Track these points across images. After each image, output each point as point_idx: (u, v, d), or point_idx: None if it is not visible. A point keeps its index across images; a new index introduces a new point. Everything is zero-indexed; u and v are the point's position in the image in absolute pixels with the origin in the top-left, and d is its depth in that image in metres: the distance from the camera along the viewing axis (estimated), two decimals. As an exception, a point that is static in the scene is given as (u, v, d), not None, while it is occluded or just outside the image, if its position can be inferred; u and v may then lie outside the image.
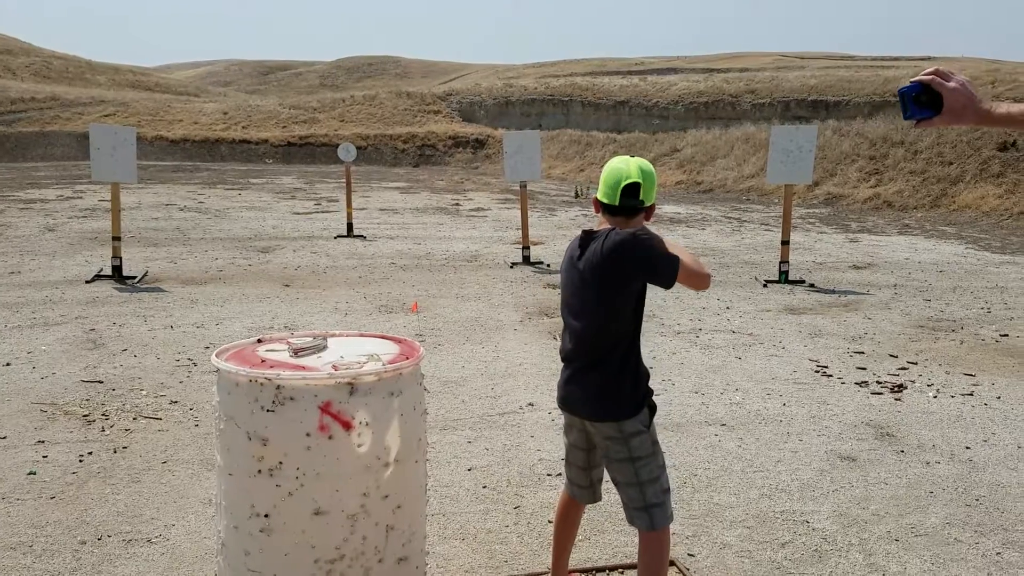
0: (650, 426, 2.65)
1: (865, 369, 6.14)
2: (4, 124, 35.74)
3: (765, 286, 9.49)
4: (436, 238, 13.39)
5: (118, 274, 9.19)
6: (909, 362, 6.35)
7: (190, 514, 3.69)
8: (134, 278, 9.26)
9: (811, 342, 6.95)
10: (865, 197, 19.22)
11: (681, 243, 2.78)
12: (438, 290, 9.04)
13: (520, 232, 11.28)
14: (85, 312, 7.66)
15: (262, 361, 2.45)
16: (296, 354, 2.51)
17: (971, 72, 26.65)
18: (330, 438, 2.31)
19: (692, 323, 7.59)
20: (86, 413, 4.94)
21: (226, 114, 40.06)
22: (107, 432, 4.65)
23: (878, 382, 5.82)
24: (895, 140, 20.62)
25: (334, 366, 2.39)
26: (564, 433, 2.86)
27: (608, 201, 2.65)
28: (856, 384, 5.77)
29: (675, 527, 3.33)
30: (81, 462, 4.23)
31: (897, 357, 6.49)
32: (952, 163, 18.63)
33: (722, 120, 33.13)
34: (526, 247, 10.93)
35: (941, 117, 1.96)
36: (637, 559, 2.70)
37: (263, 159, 35.60)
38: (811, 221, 16.60)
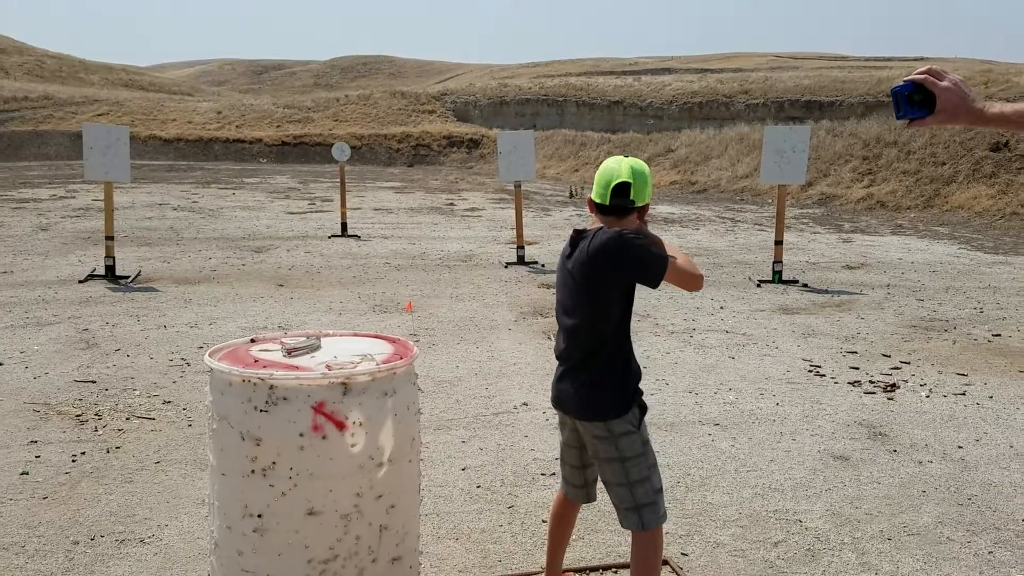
0: (640, 426, 2.65)
1: (858, 369, 6.16)
2: (-3, 123, 35.65)
3: (759, 286, 9.51)
4: (430, 238, 13.38)
5: (111, 274, 9.17)
6: (902, 362, 6.36)
7: (183, 514, 3.69)
8: (127, 278, 9.24)
9: (804, 342, 6.97)
10: (858, 197, 19.27)
11: (675, 243, 2.78)
12: (432, 290, 9.04)
13: (514, 232, 11.28)
14: (78, 312, 7.64)
15: (255, 361, 2.44)
16: (289, 354, 2.50)
17: (964, 73, 26.70)
18: (324, 438, 2.30)
19: (686, 323, 7.60)
20: (79, 413, 4.92)
21: (220, 113, 40.00)
22: (100, 432, 4.64)
23: (871, 382, 5.84)
24: (888, 140, 20.67)
25: (328, 366, 2.39)
26: (559, 431, 2.87)
27: (600, 200, 2.65)
28: (849, 384, 5.79)
29: (668, 526, 3.34)
30: (74, 462, 4.22)
31: (890, 357, 6.51)
32: (945, 163, 18.69)
33: (716, 120, 33.21)
34: (520, 247, 10.93)
35: (934, 117, 1.94)
36: (630, 559, 2.70)
37: (257, 159, 35.54)
38: (804, 221, 16.64)
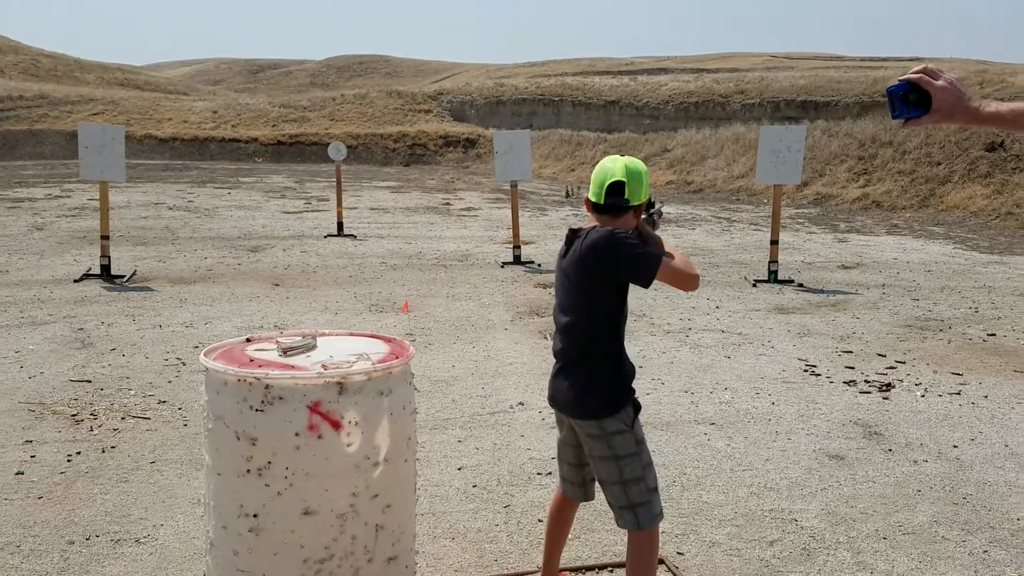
0: (634, 425, 2.65)
1: (853, 368, 6.17)
2: (-8, 122, 35.56)
3: (754, 286, 9.52)
4: (427, 237, 13.37)
5: (106, 273, 9.15)
6: (897, 361, 6.38)
7: (179, 514, 3.68)
8: (123, 277, 9.22)
9: (800, 341, 6.98)
10: (854, 197, 19.30)
11: (671, 243, 2.78)
12: (428, 289, 9.03)
13: (511, 232, 11.28)
14: (73, 311, 7.62)
15: (251, 360, 2.44)
16: (285, 353, 2.50)
17: (959, 73, 26.74)
18: (319, 437, 2.30)
19: (682, 322, 7.61)
20: (74, 413, 4.91)
21: (216, 113, 39.92)
22: (95, 432, 4.63)
23: (866, 381, 5.85)
24: (884, 140, 20.71)
25: (323, 365, 2.39)
26: (557, 429, 2.87)
27: (595, 199, 2.66)
28: (844, 383, 5.80)
29: (664, 525, 3.34)
30: (69, 462, 4.21)
31: (885, 356, 6.52)
32: (940, 163, 18.72)
33: (712, 120, 33.25)
34: (517, 247, 10.93)
35: (930, 116, 1.92)
36: (626, 558, 2.70)
37: (253, 158, 35.49)
38: (800, 221, 16.66)
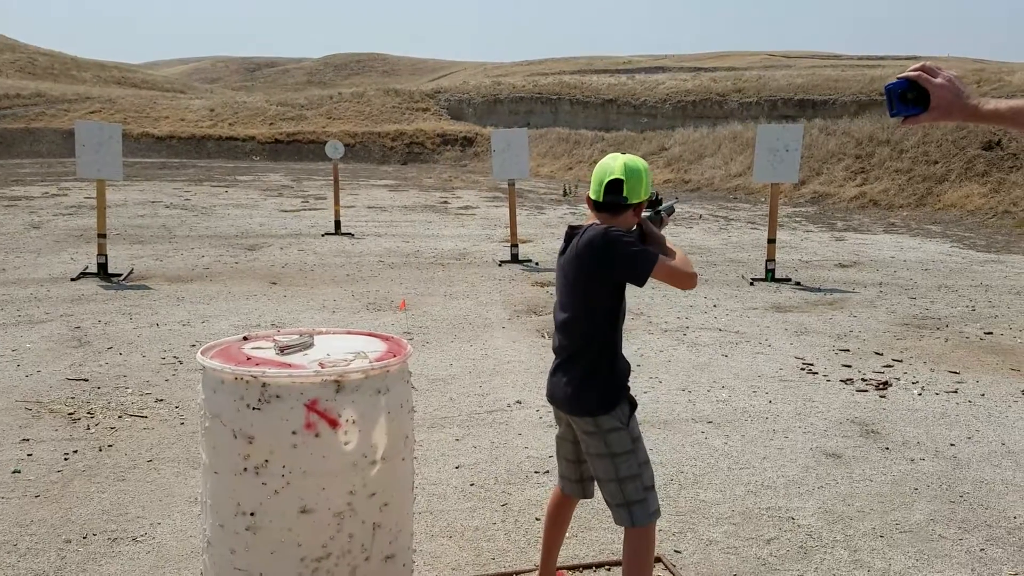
0: (629, 423, 2.65)
1: (850, 367, 6.17)
2: (-12, 120, 35.50)
3: (752, 284, 9.53)
4: (424, 236, 13.37)
5: (104, 271, 9.14)
6: (894, 360, 6.38)
7: (176, 512, 3.68)
8: (120, 275, 9.21)
9: (797, 340, 6.99)
10: (851, 196, 19.32)
11: (670, 241, 2.78)
12: (426, 288, 9.03)
13: (508, 230, 11.28)
14: (70, 310, 7.61)
15: (248, 359, 2.44)
16: (282, 351, 2.50)
17: (957, 71, 26.71)
18: (316, 436, 2.30)
19: (679, 321, 7.61)
20: (71, 411, 4.91)
21: (213, 111, 39.88)
22: (92, 430, 4.62)
23: (863, 379, 5.85)
24: (881, 139, 20.72)
25: (320, 363, 2.39)
26: (555, 425, 2.88)
27: (594, 197, 2.66)
28: (841, 382, 5.80)
29: (662, 523, 3.34)
30: (66, 460, 4.21)
31: (882, 355, 6.53)
32: (937, 162, 18.74)
33: (709, 119, 33.27)
34: (514, 245, 10.93)
35: (928, 114, 1.91)
36: (622, 556, 2.70)
37: (250, 156, 35.46)
38: (797, 219, 16.68)
